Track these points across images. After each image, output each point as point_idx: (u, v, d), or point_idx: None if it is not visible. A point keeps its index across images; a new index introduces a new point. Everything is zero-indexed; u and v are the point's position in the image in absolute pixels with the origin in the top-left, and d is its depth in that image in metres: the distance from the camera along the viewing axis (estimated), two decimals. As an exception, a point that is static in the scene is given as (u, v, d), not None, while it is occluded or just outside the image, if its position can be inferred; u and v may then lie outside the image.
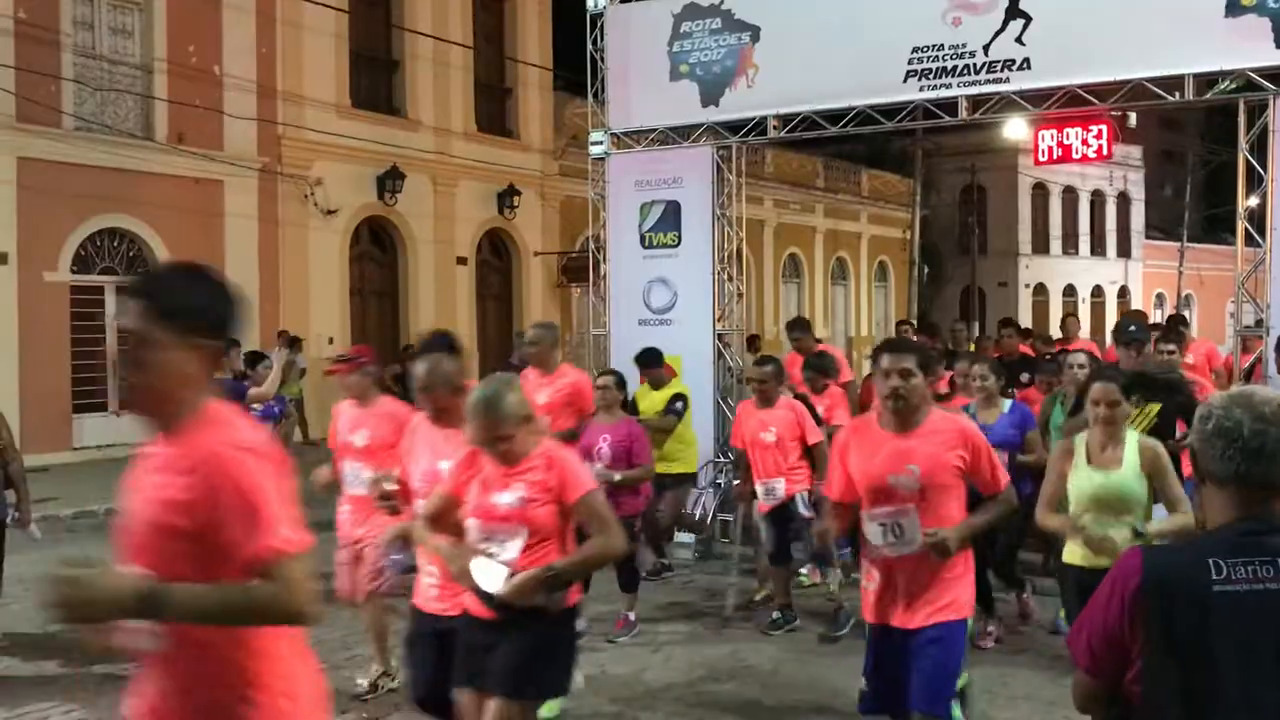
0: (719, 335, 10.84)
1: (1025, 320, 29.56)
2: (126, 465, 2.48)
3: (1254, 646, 2.09)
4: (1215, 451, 2.19)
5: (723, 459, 10.39)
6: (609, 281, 11.40)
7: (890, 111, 9.99)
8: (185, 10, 16.59)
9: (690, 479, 9.42)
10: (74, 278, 15.61)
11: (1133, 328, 6.67)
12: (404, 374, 17.67)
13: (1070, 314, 14.05)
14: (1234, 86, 8.73)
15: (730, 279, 11.14)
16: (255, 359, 9.65)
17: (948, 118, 9.81)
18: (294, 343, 15.64)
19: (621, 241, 11.23)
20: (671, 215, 10.96)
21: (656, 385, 9.12)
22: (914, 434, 4.08)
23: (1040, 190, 40.52)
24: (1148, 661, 2.16)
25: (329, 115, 18.61)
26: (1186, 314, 41.95)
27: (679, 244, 10.93)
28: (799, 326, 10.69)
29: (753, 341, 18.16)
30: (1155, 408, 6.19)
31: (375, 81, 20.15)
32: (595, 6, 11.29)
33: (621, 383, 7.57)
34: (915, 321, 18.12)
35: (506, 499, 3.84)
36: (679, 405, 9.00)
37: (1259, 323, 8.77)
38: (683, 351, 10.55)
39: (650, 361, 9.24)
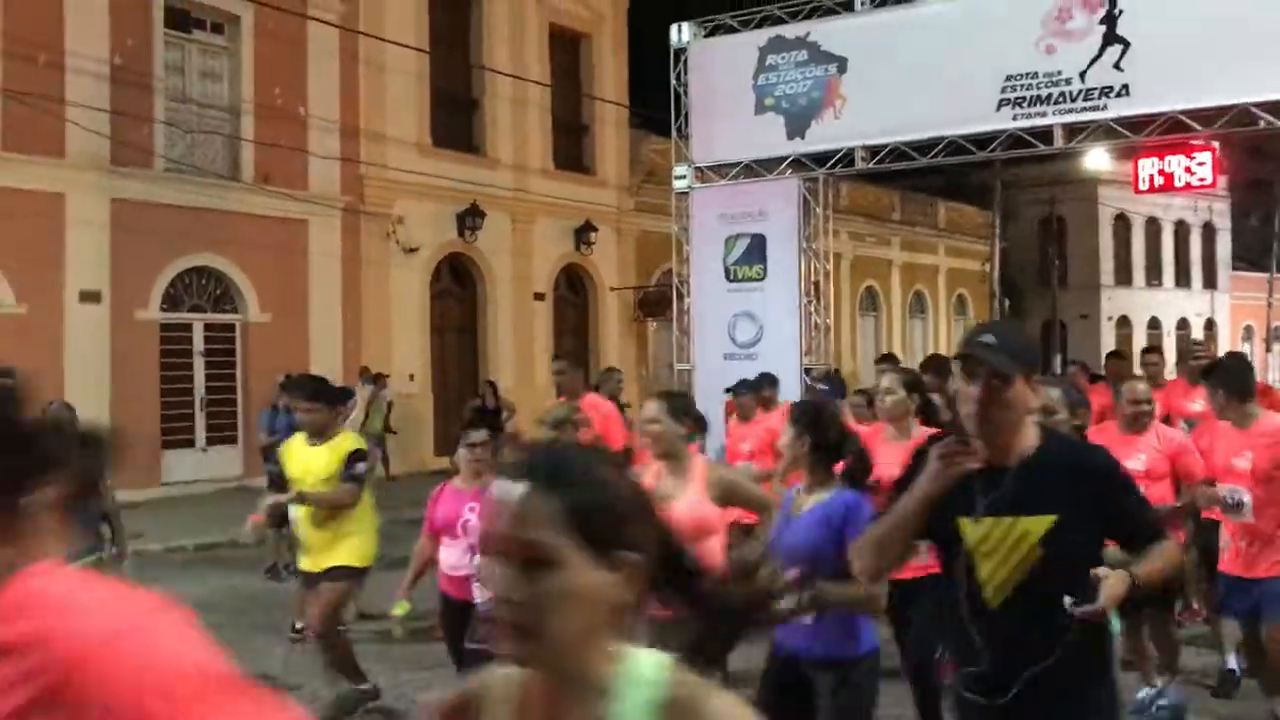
0: (806, 370, 10.68)
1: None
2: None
3: None
4: None
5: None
6: (692, 315, 11.31)
7: (982, 141, 9.82)
8: (271, 53, 16.95)
9: (362, 574, 6.10)
10: (164, 315, 15.92)
11: (1072, 367, 3.02)
12: (483, 407, 17.81)
13: (1114, 352, 11.63)
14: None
15: (815, 312, 10.99)
16: (343, 395, 9.69)
17: (1042, 146, 9.61)
18: (378, 378, 15.77)
19: (705, 275, 11.15)
20: (757, 248, 10.88)
21: (316, 434, 5.91)
22: None
23: (1121, 221, 39.70)
24: None
25: (410, 154, 18.85)
26: (1275, 347, 40.81)
27: (764, 277, 10.82)
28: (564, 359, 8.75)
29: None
30: None
31: (455, 120, 20.39)
32: (679, 41, 11.28)
33: (496, 440, 5.46)
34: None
35: None
36: (360, 467, 5.88)
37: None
38: (769, 386, 10.40)
39: (321, 394, 6.11)
